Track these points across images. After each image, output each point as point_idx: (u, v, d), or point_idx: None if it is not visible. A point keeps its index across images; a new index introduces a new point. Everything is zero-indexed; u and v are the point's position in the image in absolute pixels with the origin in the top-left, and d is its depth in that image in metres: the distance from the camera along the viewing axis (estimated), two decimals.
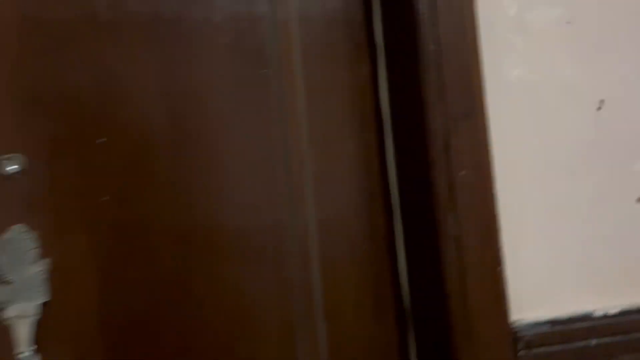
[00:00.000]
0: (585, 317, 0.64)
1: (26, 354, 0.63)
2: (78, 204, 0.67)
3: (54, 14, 0.68)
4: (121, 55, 0.70)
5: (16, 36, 0.67)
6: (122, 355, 0.68)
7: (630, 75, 0.69)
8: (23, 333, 0.64)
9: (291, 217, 0.73)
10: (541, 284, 0.65)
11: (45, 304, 0.65)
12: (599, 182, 0.68)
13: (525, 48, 0.67)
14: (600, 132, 0.69)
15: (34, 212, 0.66)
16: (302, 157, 0.74)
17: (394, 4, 0.73)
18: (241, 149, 0.72)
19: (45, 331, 0.65)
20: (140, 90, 0.70)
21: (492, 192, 0.63)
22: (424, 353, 0.71)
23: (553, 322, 0.63)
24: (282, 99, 0.74)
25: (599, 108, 0.69)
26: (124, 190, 0.69)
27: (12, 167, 0.66)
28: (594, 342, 0.64)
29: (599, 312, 0.65)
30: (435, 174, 0.63)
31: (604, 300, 0.66)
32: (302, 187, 0.73)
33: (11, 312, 0.64)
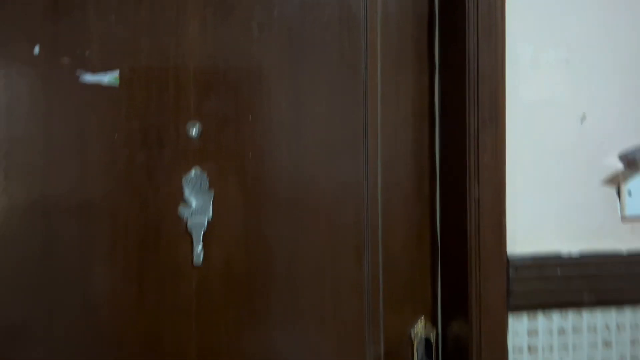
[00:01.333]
0: (556, 255, 1.00)
1: (199, 249, 1.01)
2: (233, 158, 1.03)
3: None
4: (264, 53, 1.04)
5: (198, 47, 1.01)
6: (254, 254, 1.04)
7: (605, 98, 1.02)
8: (198, 236, 1.01)
9: (367, 178, 1.08)
10: (528, 232, 1.00)
11: (209, 220, 1.02)
12: (577, 169, 1.02)
13: (536, 78, 0.99)
14: (582, 136, 1.02)
15: (206, 160, 1.01)
16: (376, 137, 1.08)
17: (450, 35, 1.05)
18: (339, 128, 1.07)
19: (209, 236, 1.02)
20: (275, 80, 1.04)
21: (503, 170, 0.97)
22: (447, 272, 1.08)
23: (534, 257, 0.99)
24: (366, 95, 1.08)
25: (582, 120, 1.02)
26: (260, 154, 1.04)
27: (194, 131, 1.02)
28: (559, 271, 0.99)
29: (565, 253, 1.00)
30: (468, 156, 0.98)
31: (569, 245, 1.01)
32: (375, 158, 1.08)
33: (191, 223, 1.01)
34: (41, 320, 0.96)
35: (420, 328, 1.08)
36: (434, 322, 1.10)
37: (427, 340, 1.08)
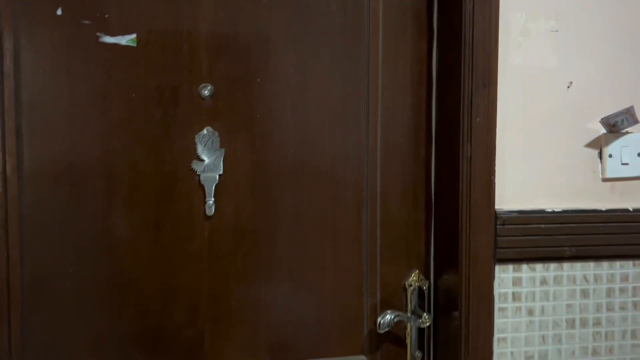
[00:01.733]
0: (540, 211, 1.08)
1: (210, 201, 1.09)
2: (242, 118, 1.10)
3: None
4: (271, 19, 1.10)
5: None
6: (261, 207, 1.12)
7: (591, 67, 1.09)
8: (210, 189, 1.08)
9: (367, 139, 1.15)
10: (515, 190, 1.08)
11: (220, 175, 1.09)
12: (562, 132, 1.10)
13: (527, 46, 1.07)
14: (568, 102, 1.09)
15: (217, 120, 1.08)
16: (377, 101, 1.15)
17: (448, 6, 1.12)
18: (341, 91, 1.14)
19: (220, 189, 1.09)
20: (282, 46, 1.11)
21: (494, 131, 1.05)
22: (439, 228, 1.16)
23: (519, 212, 1.07)
24: (368, 61, 1.15)
25: (569, 87, 1.09)
26: (267, 115, 1.11)
27: (206, 92, 1.08)
28: (543, 225, 1.08)
29: (549, 209, 1.09)
30: (461, 118, 1.05)
31: (553, 204, 1.09)
32: (376, 121, 1.15)
33: (203, 178, 1.08)
34: (68, 266, 1.04)
35: (414, 279, 1.17)
36: (426, 275, 1.19)
37: (420, 290, 1.17)
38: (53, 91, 1.02)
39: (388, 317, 1.11)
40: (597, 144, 1.10)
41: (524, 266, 1.08)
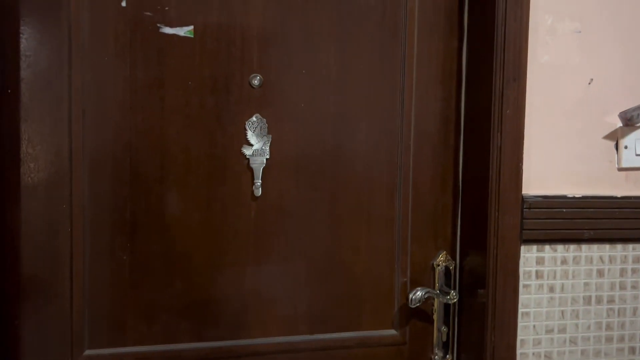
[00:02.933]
0: (562, 197, 1.18)
1: (258, 183, 1.17)
2: (288, 107, 1.17)
3: None
4: (315, 15, 1.19)
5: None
6: (303, 190, 1.20)
7: (610, 65, 1.19)
8: (258, 172, 1.16)
9: (401, 128, 1.24)
10: (540, 177, 1.17)
11: (267, 159, 1.17)
12: (583, 125, 1.19)
13: (553, 44, 1.16)
14: (588, 97, 1.19)
15: (265, 107, 1.15)
16: (411, 94, 1.24)
17: (480, 6, 1.21)
18: (378, 83, 1.22)
19: (267, 173, 1.17)
20: (325, 40, 1.19)
21: (522, 122, 1.14)
22: (466, 211, 1.25)
23: (544, 197, 1.17)
24: (404, 56, 1.23)
25: (590, 83, 1.19)
26: (310, 104, 1.19)
27: (256, 81, 1.16)
28: (565, 210, 1.17)
29: (570, 195, 1.18)
30: (492, 109, 1.14)
31: (573, 190, 1.19)
32: (410, 111, 1.24)
33: (252, 161, 1.16)
34: (126, 240, 1.11)
35: (441, 259, 1.26)
36: (453, 256, 1.28)
37: (447, 270, 1.26)
38: (116, 77, 1.09)
39: (419, 293, 1.19)
40: (614, 136, 1.20)
41: (547, 247, 1.17)
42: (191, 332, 1.16)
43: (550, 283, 1.18)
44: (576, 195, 1.18)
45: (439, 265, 1.25)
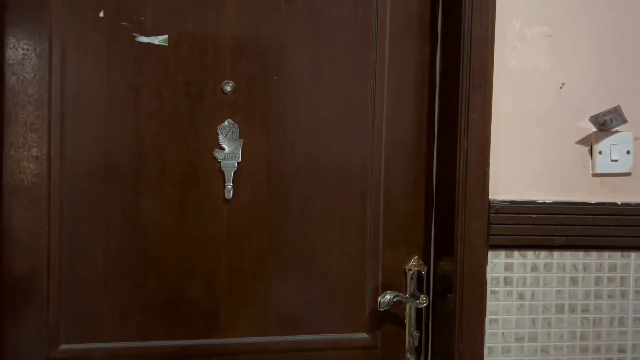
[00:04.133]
0: (531, 202, 1.16)
1: (229, 186, 1.20)
2: (259, 112, 1.21)
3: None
4: (288, 24, 1.22)
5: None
6: (274, 194, 1.22)
7: (582, 69, 1.18)
8: (229, 175, 1.19)
9: (372, 135, 1.25)
10: (509, 183, 1.17)
11: (239, 162, 1.20)
12: (555, 130, 1.18)
13: (521, 49, 1.16)
14: (560, 102, 1.18)
15: (237, 113, 1.18)
16: (383, 100, 1.25)
17: (449, 13, 1.22)
18: (350, 91, 1.25)
19: (238, 176, 1.19)
20: (297, 48, 1.22)
21: (488, 127, 1.14)
22: (439, 216, 1.25)
23: (512, 202, 1.16)
24: (375, 64, 1.25)
25: (561, 87, 1.18)
26: (282, 110, 1.21)
27: (228, 88, 1.20)
28: (534, 215, 1.16)
29: (540, 201, 1.17)
30: (459, 114, 1.15)
31: (545, 197, 1.18)
32: (381, 118, 1.25)
33: (224, 165, 1.20)
34: (101, 240, 1.16)
35: (413, 264, 1.26)
36: (425, 261, 1.28)
37: (419, 274, 1.26)
38: (94, 84, 1.14)
39: (388, 296, 1.20)
40: (588, 142, 1.18)
41: (516, 253, 1.16)
42: (163, 330, 1.19)
43: (519, 290, 1.16)
44: (546, 201, 1.16)
45: (410, 269, 1.26)
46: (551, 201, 1.17)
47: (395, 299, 1.20)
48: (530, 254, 1.16)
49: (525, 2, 1.16)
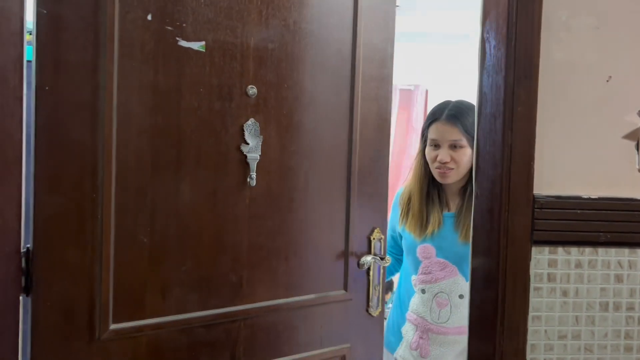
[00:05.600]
0: (577, 197, 1.14)
1: (253, 175, 1.27)
2: (274, 113, 1.31)
3: None
4: (296, 41, 1.32)
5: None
6: (284, 180, 1.32)
7: (629, 62, 1.15)
8: (253, 166, 1.27)
9: (350, 133, 1.40)
10: (554, 177, 1.14)
11: (260, 155, 1.27)
12: (601, 123, 1.15)
13: (567, 41, 1.13)
14: (606, 95, 1.15)
15: (258, 113, 1.28)
16: (358, 104, 1.38)
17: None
18: (337, 98, 1.39)
19: (259, 166, 1.27)
20: (301, 61, 1.33)
21: (534, 120, 1.12)
22: (480, 212, 1.23)
23: (557, 197, 1.13)
24: (352, 79, 1.39)
25: (608, 80, 1.15)
26: (291, 111, 1.32)
27: (251, 92, 1.26)
28: (579, 211, 1.13)
29: (585, 196, 1.14)
30: (504, 107, 1.13)
31: (590, 192, 1.15)
32: (357, 119, 1.40)
33: (249, 156, 1.27)
34: (147, 224, 1.20)
35: (375, 235, 1.47)
36: (383, 232, 1.49)
37: (379, 242, 1.47)
38: (141, 81, 1.19)
39: (368, 258, 1.44)
40: (634, 136, 1.15)
41: (560, 249, 1.14)
42: (198, 301, 1.27)
43: (563, 287, 1.14)
44: (592, 197, 1.14)
45: (374, 238, 1.47)
46: (596, 197, 1.14)
47: (372, 260, 1.43)
48: (574, 250, 1.14)
49: None
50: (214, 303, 1.29)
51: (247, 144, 1.28)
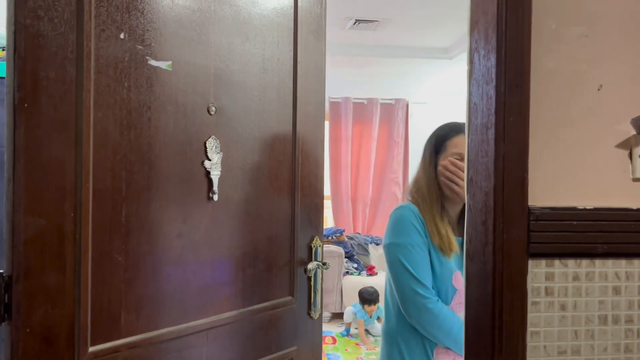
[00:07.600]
0: (572, 209, 1.11)
1: (215, 189, 1.40)
2: (231, 130, 1.40)
3: None
4: (249, 66, 1.42)
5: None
6: (241, 194, 1.50)
7: (620, 71, 1.14)
8: (215, 181, 1.39)
9: (294, 145, 1.61)
10: (547, 188, 1.11)
11: (220, 170, 1.33)
12: (593, 133, 1.13)
13: (558, 50, 1.12)
14: (598, 104, 1.13)
15: (218, 131, 1.38)
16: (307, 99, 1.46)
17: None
18: (282, 118, 1.58)
19: (221, 182, 1.37)
20: (253, 82, 1.45)
21: (526, 130, 1.09)
22: (473, 226, 1.20)
23: (552, 208, 1.11)
24: (295, 93, 1.59)
25: (599, 89, 1.14)
26: (244, 127, 1.50)
27: (212, 110, 1.31)
28: (575, 222, 1.11)
29: (580, 207, 1.12)
30: (496, 117, 1.10)
31: (584, 202, 1.13)
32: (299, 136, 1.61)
33: (212, 173, 1.36)
34: (121, 243, 1.21)
35: (316, 242, 1.68)
36: (321, 240, 1.71)
37: (317, 249, 1.68)
38: (115, 98, 1.17)
39: (314, 264, 1.63)
40: (627, 145, 1.14)
41: (557, 261, 1.10)
42: (168, 318, 1.31)
43: (561, 300, 1.11)
44: (587, 207, 1.12)
45: (314, 246, 1.66)
46: (592, 207, 1.12)
47: (317, 266, 1.62)
48: (571, 262, 1.11)
49: (561, 1, 1.12)
50: (183, 317, 1.35)
51: (210, 159, 1.35)
